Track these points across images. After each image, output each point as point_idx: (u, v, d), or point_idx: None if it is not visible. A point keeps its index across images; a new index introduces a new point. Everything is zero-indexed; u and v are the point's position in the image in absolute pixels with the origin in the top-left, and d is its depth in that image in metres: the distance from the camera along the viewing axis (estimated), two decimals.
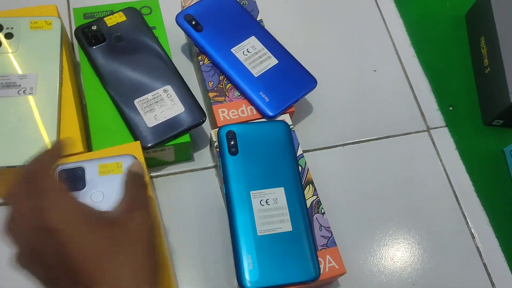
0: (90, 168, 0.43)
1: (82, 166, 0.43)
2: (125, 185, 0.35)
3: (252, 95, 0.53)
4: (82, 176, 0.42)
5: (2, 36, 0.50)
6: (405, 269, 0.54)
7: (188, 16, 0.57)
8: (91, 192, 0.42)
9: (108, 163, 0.43)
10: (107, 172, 0.43)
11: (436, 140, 0.62)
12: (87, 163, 0.43)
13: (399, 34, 0.70)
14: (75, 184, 0.42)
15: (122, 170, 0.43)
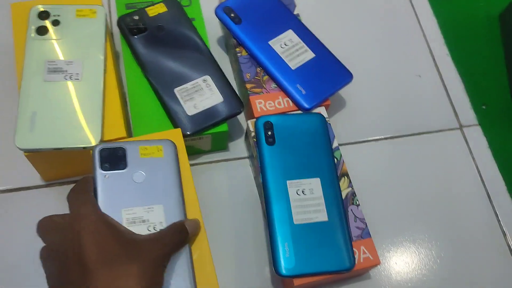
0: (131, 149, 0.43)
1: (123, 147, 0.43)
2: (168, 228, 0.39)
3: (288, 87, 0.54)
4: (123, 156, 0.42)
5: (49, 23, 0.52)
6: (436, 265, 0.54)
7: (227, 8, 0.58)
8: (133, 172, 0.42)
9: (148, 146, 0.43)
10: (148, 155, 0.43)
11: (469, 138, 0.63)
12: (128, 144, 0.43)
13: (432, 32, 0.71)
14: (116, 163, 0.42)
15: (162, 154, 0.43)
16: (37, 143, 0.46)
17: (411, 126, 0.62)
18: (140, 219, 0.40)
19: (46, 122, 0.47)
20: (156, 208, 0.41)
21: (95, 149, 0.42)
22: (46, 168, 0.51)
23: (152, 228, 0.40)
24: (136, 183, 0.41)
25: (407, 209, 0.57)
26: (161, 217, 0.41)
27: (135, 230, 0.39)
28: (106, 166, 0.42)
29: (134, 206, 0.40)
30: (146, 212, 0.40)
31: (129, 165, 0.42)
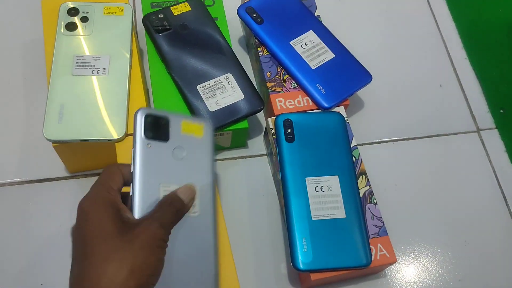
0: (174, 122, 0.40)
1: (167, 117, 0.40)
2: (159, 203, 0.37)
3: (309, 86, 0.55)
4: (166, 127, 0.39)
5: (78, 20, 0.53)
6: (452, 265, 0.54)
7: (249, 8, 0.59)
8: (174, 147, 0.39)
9: (191, 123, 0.41)
10: (190, 132, 0.41)
11: (486, 141, 0.63)
12: (172, 115, 0.40)
13: (451, 36, 0.71)
14: (159, 133, 0.39)
15: (202, 133, 0.41)
16: (64, 135, 0.48)
17: (428, 128, 0.63)
18: None
19: (74, 115, 0.48)
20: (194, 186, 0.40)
21: (139, 113, 0.39)
22: (72, 159, 0.52)
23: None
24: (175, 159, 0.39)
25: (424, 209, 0.57)
26: (196, 199, 0.39)
27: None
28: (149, 134, 0.38)
29: (172, 183, 0.38)
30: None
31: (171, 138, 0.39)
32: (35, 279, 0.50)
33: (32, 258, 0.51)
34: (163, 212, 0.36)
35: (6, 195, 0.54)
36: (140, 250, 0.33)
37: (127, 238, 0.33)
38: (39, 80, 0.59)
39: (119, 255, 0.32)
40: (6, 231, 0.52)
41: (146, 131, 0.38)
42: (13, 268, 0.50)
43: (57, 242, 0.52)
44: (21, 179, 0.55)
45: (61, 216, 0.53)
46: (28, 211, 0.53)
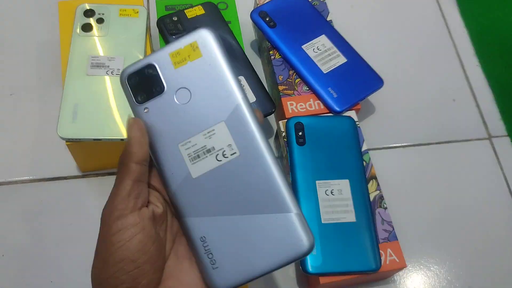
0: (162, 62, 0.32)
1: (151, 63, 0.32)
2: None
3: (320, 90, 0.55)
4: (155, 75, 0.32)
5: (94, 21, 0.54)
6: (461, 272, 0.54)
7: (262, 12, 0.60)
8: (174, 92, 0.32)
9: (180, 50, 0.32)
10: (183, 61, 0.32)
11: (498, 148, 0.63)
12: (156, 56, 0.33)
13: (463, 43, 0.71)
14: (151, 88, 0.32)
15: (200, 53, 0.32)
16: (77, 133, 0.48)
17: (439, 134, 0.63)
18: (204, 149, 0.32)
19: (87, 114, 0.49)
20: (218, 128, 0.32)
21: (123, 77, 0.33)
22: (84, 158, 0.53)
23: (221, 156, 0.32)
24: (182, 105, 0.32)
25: (434, 215, 0.57)
26: (228, 137, 0.32)
27: (202, 165, 0.31)
28: (142, 96, 0.32)
29: (190, 136, 0.32)
30: (207, 138, 0.32)
31: (167, 84, 0.32)
32: (45, 277, 0.50)
33: (42, 256, 0.51)
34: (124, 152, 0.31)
35: (19, 192, 0.54)
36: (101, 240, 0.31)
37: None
38: (54, 80, 0.60)
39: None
40: (17, 228, 0.52)
41: (136, 96, 0.32)
42: (23, 265, 0.51)
43: (67, 240, 0.52)
44: (34, 177, 0.56)
45: (72, 215, 0.54)
46: (40, 209, 0.54)
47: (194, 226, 0.31)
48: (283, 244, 0.31)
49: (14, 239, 0.52)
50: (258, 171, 0.31)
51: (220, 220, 0.31)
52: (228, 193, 0.31)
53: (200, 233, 0.31)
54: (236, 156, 0.31)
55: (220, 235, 0.31)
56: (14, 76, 0.61)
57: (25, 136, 0.57)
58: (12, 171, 0.55)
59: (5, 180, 0.55)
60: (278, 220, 0.31)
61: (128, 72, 0.33)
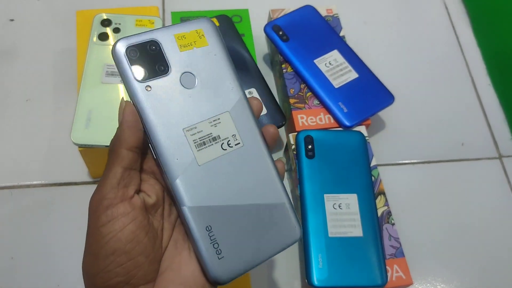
0: (166, 41, 0.31)
1: (154, 39, 0.31)
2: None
3: (331, 104, 0.56)
4: (159, 53, 0.31)
5: (110, 30, 0.55)
6: None
7: (276, 26, 0.60)
8: (180, 75, 0.31)
9: (186, 33, 0.31)
10: (189, 46, 0.31)
11: (508, 168, 0.62)
12: (159, 34, 0.31)
13: (475, 61, 0.71)
14: (154, 66, 0.30)
15: (206, 41, 0.32)
16: (91, 140, 0.49)
17: (449, 153, 0.63)
18: (209, 137, 0.31)
19: (101, 121, 0.50)
20: (223, 118, 0.32)
21: (119, 49, 0.30)
22: (96, 164, 0.54)
23: (226, 145, 0.32)
24: (188, 90, 0.31)
25: (442, 234, 0.57)
26: (232, 127, 0.32)
27: (208, 153, 0.31)
28: (142, 72, 0.30)
29: (196, 122, 0.31)
30: (213, 126, 0.31)
31: (171, 65, 0.31)
32: (52, 280, 0.51)
33: (50, 259, 0.52)
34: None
35: (30, 196, 0.55)
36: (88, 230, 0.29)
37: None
38: (68, 88, 0.61)
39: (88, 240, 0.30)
40: (26, 231, 0.53)
41: (136, 71, 0.30)
42: (31, 268, 0.51)
43: (75, 244, 0.53)
44: (45, 181, 0.56)
45: (81, 220, 0.54)
46: (50, 213, 0.54)
47: (200, 215, 0.30)
48: (280, 231, 0.32)
49: (23, 243, 0.52)
50: (259, 161, 0.32)
51: (225, 209, 0.31)
52: (232, 182, 0.31)
53: (206, 222, 0.30)
54: (240, 146, 0.32)
55: (225, 225, 0.31)
56: (30, 82, 0.62)
57: (39, 141, 0.58)
58: (24, 175, 0.56)
59: (17, 183, 0.56)
60: (275, 208, 0.32)
61: (127, 44, 0.30)
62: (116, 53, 0.30)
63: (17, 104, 0.61)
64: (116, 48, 0.30)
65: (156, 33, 0.31)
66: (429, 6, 0.76)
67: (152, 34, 0.31)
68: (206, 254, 0.30)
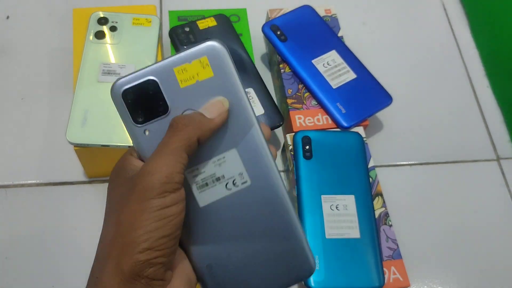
0: (165, 78, 0.29)
1: (152, 79, 0.29)
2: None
3: (329, 105, 0.56)
4: (157, 93, 0.29)
5: (107, 29, 0.55)
6: None
7: (274, 26, 0.60)
8: (181, 112, 0.29)
9: (187, 65, 0.29)
10: (191, 80, 0.29)
11: (506, 170, 0.62)
12: (158, 70, 0.29)
13: (473, 63, 0.71)
14: (152, 107, 0.29)
15: (211, 71, 0.29)
16: (86, 139, 0.48)
17: (446, 154, 0.62)
18: (213, 177, 0.30)
19: (97, 120, 0.49)
20: (229, 155, 0.30)
21: (117, 92, 0.29)
22: (91, 164, 0.53)
23: (231, 185, 0.30)
24: None
25: (440, 235, 0.56)
26: (239, 165, 0.30)
27: (211, 194, 0.30)
28: (141, 116, 0.29)
29: (198, 163, 0.29)
30: (217, 166, 0.30)
31: (171, 104, 0.29)
32: (47, 281, 0.50)
33: (45, 260, 0.51)
34: (168, 149, 0.28)
35: (25, 196, 0.55)
36: (136, 209, 0.27)
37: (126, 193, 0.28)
38: (64, 86, 0.61)
39: (115, 218, 0.28)
40: (22, 231, 0.53)
41: (134, 115, 0.29)
42: (26, 269, 0.51)
43: (70, 245, 0.52)
44: (40, 181, 0.56)
45: (77, 220, 0.54)
46: (45, 213, 0.54)
47: (200, 254, 0.30)
48: (288, 269, 0.31)
49: (18, 242, 0.52)
50: (268, 200, 0.30)
51: (227, 248, 0.30)
52: (236, 222, 0.30)
53: (206, 262, 0.30)
54: (247, 185, 0.30)
55: (226, 263, 0.30)
56: (26, 80, 0.62)
57: (34, 140, 0.58)
58: (19, 174, 0.56)
59: (12, 183, 0.55)
60: (284, 247, 0.31)
61: (124, 87, 0.29)
62: (113, 96, 0.29)
63: (12, 103, 0.60)
64: (113, 91, 0.29)
65: (155, 69, 0.29)
66: (427, 7, 0.76)
67: (150, 71, 0.29)
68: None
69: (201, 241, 0.30)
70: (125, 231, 0.27)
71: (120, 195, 0.29)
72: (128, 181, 0.29)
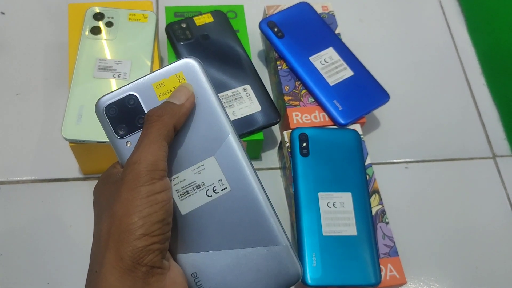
0: (144, 92, 0.31)
1: (132, 94, 0.31)
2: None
3: (326, 102, 0.55)
4: (137, 107, 0.31)
5: (103, 24, 0.54)
6: None
7: (271, 23, 0.60)
8: None
9: (165, 80, 0.31)
10: (169, 93, 0.31)
11: (502, 168, 0.62)
12: (137, 86, 0.31)
13: (470, 61, 0.71)
14: (132, 120, 0.31)
15: (186, 81, 0.32)
16: (82, 135, 0.48)
17: (443, 152, 0.63)
18: (193, 185, 0.31)
19: (93, 116, 0.48)
20: (207, 163, 0.31)
21: (100, 108, 0.31)
22: (87, 160, 0.53)
23: (212, 192, 0.31)
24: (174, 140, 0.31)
25: (436, 233, 0.57)
26: (218, 172, 0.31)
27: (192, 202, 0.31)
28: (123, 129, 0.31)
29: (178, 171, 0.31)
30: (196, 174, 0.31)
31: None
32: (42, 278, 0.50)
33: (40, 257, 0.51)
34: (145, 140, 0.29)
35: (20, 192, 0.54)
36: (124, 199, 0.28)
37: (116, 187, 0.29)
38: (60, 82, 0.60)
39: (108, 212, 0.29)
40: (16, 227, 0.52)
41: (116, 129, 0.31)
42: (20, 266, 0.50)
43: (66, 242, 0.52)
44: (35, 177, 0.55)
45: (72, 217, 0.53)
46: (40, 209, 0.54)
47: (185, 262, 0.31)
48: (274, 275, 0.31)
49: (12, 239, 0.51)
50: (249, 205, 0.31)
51: (211, 255, 0.31)
52: (219, 228, 0.31)
53: (191, 270, 0.31)
54: (227, 191, 0.31)
55: (211, 271, 0.31)
56: (21, 76, 0.61)
57: (29, 136, 0.57)
58: (14, 170, 0.55)
59: (6, 179, 0.55)
60: (268, 252, 0.31)
61: (106, 103, 0.31)
62: (97, 112, 0.31)
63: (7, 99, 0.60)
64: (96, 107, 0.31)
65: (135, 85, 0.31)
66: (424, 5, 0.76)
67: (130, 87, 0.31)
68: None
69: (185, 249, 0.31)
70: (120, 219, 0.28)
71: (109, 193, 0.30)
72: (115, 182, 0.30)
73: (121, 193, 0.28)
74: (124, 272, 0.27)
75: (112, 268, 0.27)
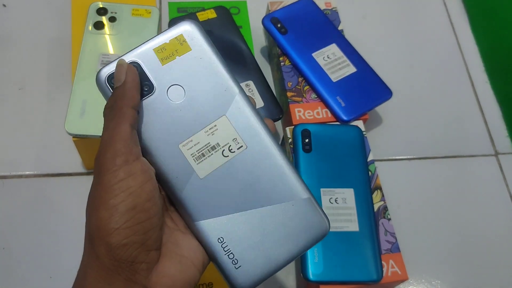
0: (146, 58, 0.30)
1: (134, 61, 0.30)
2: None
3: (328, 98, 0.55)
4: (141, 74, 0.30)
5: (106, 19, 0.54)
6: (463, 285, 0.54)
7: (274, 19, 0.60)
8: (166, 90, 0.30)
9: (165, 44, 0.30)
10: (171, 57, 0.30)
11: (504, 165, 0.62)
12: (138, 53, 0.30)
13: (473, 59, 0.71)
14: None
15: (188, 46, 0.31)
16: (85, 129, 0.48)
17: (445, 149, 0.63)
18: (208, 147, 0.30)
19: (96, 111, 0.49)
20: (220, 123, 0.31)
21: (101, 78, 0.30)
22: (90, 155, 0.53)
23: (228, 151, 0.30)
24: (177, 103, 0.30)
25: (437, 230, 0.57)
26: (232, 131, 0.30)
27: (209, 164, 0.30)
28: None
29: (191, 135, 0.30)
30: (210, 135, 0.30)
31: (156, 82, 0.30)
32: (44, 272, 0.50)
33: (42, 251, 0.51)
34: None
35: (23, 187, 0.54)
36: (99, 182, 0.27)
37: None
38: (63, 76, 0.61)
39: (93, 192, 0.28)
40: (19, 222, 0.52)
41: None
42: (23, 260, 0.50)
43: (68, 236, 0.52)
44: (38, 172, 0.56)
45: (74, 211, 0.53)
46: (43, 204, 0.54)
47: (210, 228, 0.30)
48: (301, 230, 0.30)
49: (15, 233, 0.52)
50: (268, 161, 0.30)
51: (236, 217, 0.30)
52: (240, 188, 0.30)
53: (217, 235, 0.30)
54: (243, 149, 0.31)
55: (238, 233, 0.30)
56: (24, 70, 0.61)
57: (32, 131, 0.58)
58: (17, 165, 0.55)
59: (9, 173, 0.55)
60: (293, 207, 0.30)
61: (108, 73, 0.30)
62: (98, 83, 0.30)
63: (10, 93, 0.60)
64: (97, 78, 0.30)
65: (135, 52, 0.30)
66: (427, 2, 0.76)
67: (132, 55, 0.30)
68: (223, 265, 0.30)
69: (208, 214, 0.30)
70: (90, 216, 0.27)
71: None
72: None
73: (91, 189, 0.28)
74: (104, 271, 0.26)
75: (91, 269, 0.27)
